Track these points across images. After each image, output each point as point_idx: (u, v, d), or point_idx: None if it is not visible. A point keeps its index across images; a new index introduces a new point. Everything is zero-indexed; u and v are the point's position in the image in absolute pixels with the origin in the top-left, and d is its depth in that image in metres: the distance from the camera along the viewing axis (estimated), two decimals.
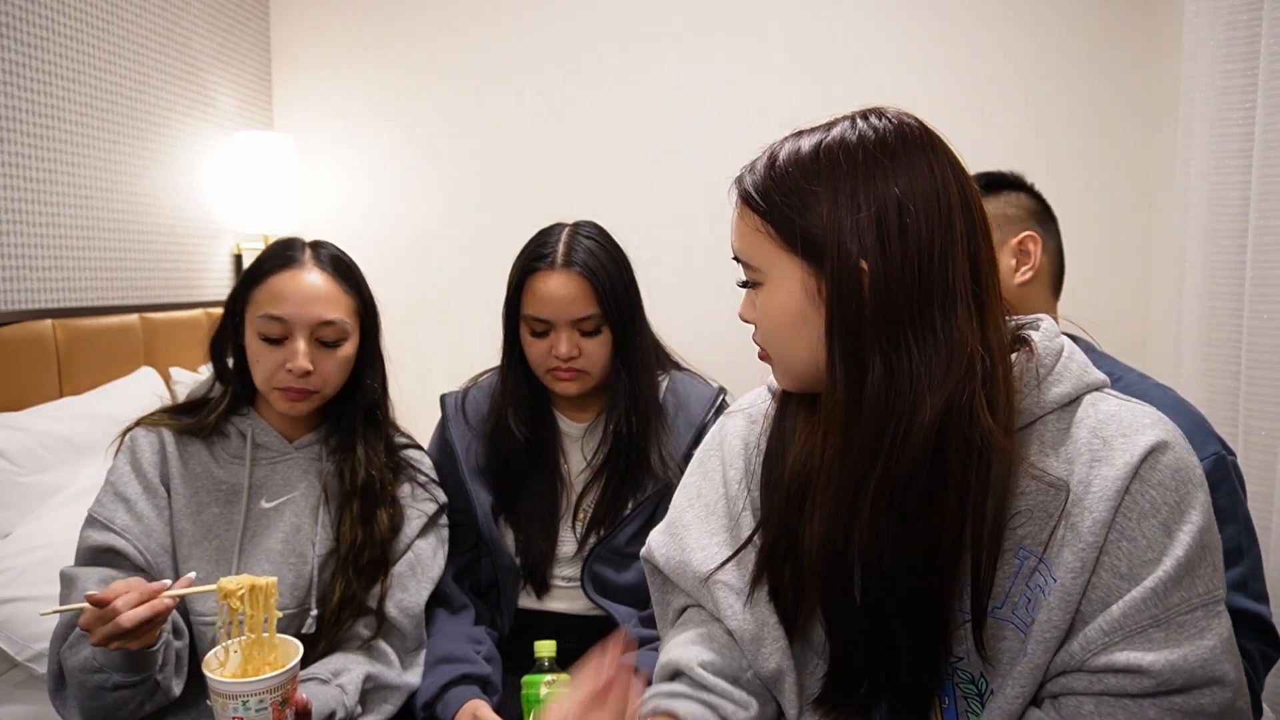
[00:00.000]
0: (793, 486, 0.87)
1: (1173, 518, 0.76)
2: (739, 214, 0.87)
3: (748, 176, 0.87)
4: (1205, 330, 1.76)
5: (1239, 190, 1.69)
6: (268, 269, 1.26)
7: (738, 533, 0.94)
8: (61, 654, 1.11)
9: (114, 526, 1.18)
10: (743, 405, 1.03)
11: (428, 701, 1.30)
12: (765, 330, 0.87)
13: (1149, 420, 0.79)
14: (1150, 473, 0.76)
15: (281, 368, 1.22)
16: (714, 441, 1.03)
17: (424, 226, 2.90)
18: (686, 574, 0.96)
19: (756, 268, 0.86)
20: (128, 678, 1.07)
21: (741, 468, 0.97)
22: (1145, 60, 2.44)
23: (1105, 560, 0.76)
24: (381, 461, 1.33)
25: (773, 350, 0.88)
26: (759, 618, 0.90)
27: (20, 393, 1.79)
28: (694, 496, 1.00)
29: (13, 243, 1.90)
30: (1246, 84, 1.67)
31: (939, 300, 0.77)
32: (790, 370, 0.87)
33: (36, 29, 1.96)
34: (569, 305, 1.38)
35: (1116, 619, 0.75)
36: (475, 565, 1.52)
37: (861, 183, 0.79)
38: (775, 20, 2.65)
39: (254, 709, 0.99)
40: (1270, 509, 1.60)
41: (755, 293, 0.88)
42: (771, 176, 0.85)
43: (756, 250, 0.85)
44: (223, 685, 0.99)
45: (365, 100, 2.89)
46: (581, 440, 1.50)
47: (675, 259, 2.63)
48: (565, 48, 2.78)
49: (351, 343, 1.29)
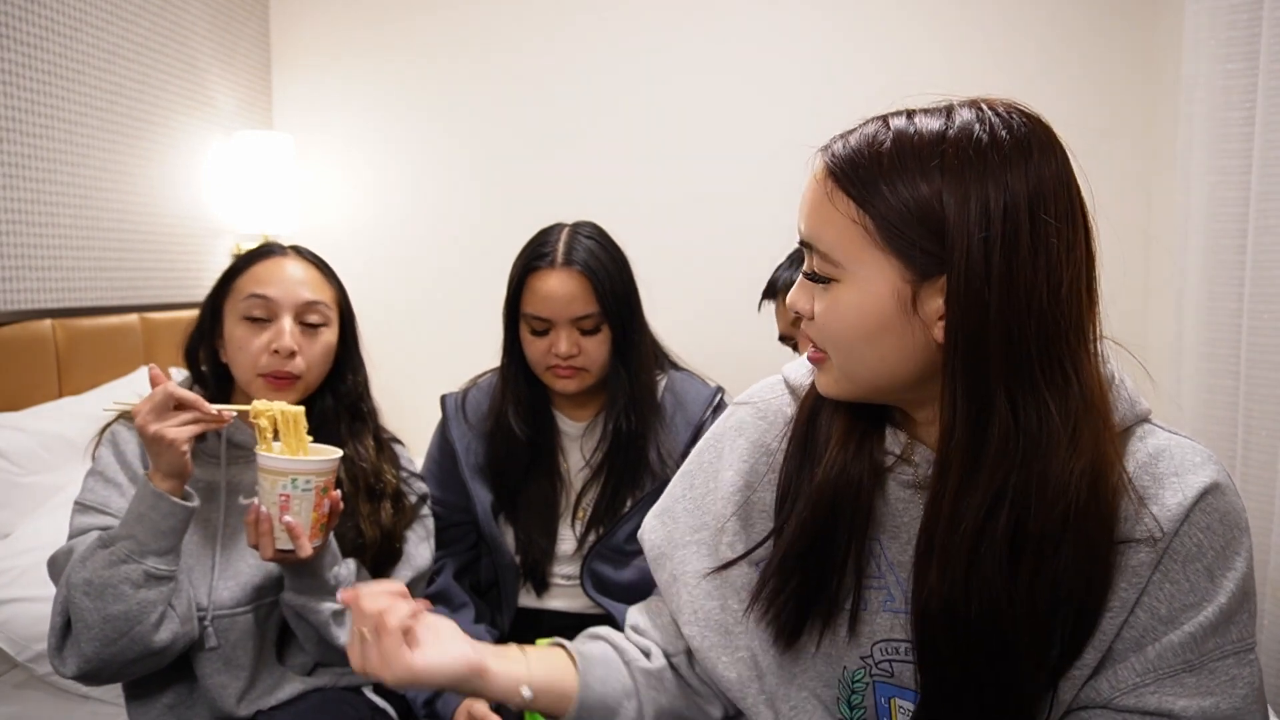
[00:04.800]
0: (821, 503, 0.81)
1: (1218, 563, 0.73)
2: (824, 193, 0.74)
3: (841, 150, 0.74)
4: (1205, 330, 1.76)
5: (1239, 190, 1.69)
6: (249, 261, 1.29)
7: (718, 536, 0.90)
8: (70, 569, 1.09)
9: (108, 510, 1.17)
10: (753, 397, 0.95)
11: (428, 698, 1.31)
12: (832, 331, 0.76)
13: (1200, 459, 0.76)
14: (1200, 515, 0.73)
15: (267, 350, 1.23)
16: (718, 432, 0.96)
17: (423, 226, 2.90)
18: (664, 570, 0.93)
19: (838, 262, 0.74)
20: (159, 563, 1.07)
21: (743, 470, 0.90)
22: (1145, 60, 2.44)
23: (1145, 601, 0.73)
24: (374, 455, 1.34)
25: (835, 352, 0.77)
26: (740, 624, 0.87)
27: (20, 393, 1.80)
28: (687, 488, 0.95)
29: (13, 243, 1.90)
30: (1246, 84, 1.67)
31: (1069, 334, 0.70)
32: (852, 376, 0.77)
33: (36, 29, 1.96)
34: (569, 304, 1.39)
35: (1151, 661, 0.73)
36: (475, 564, 1.52)
37: (994, 189, 0.68)
38: (775, 22, 2.65)
39: (300, 488, 1.07)
40: (1271, 510, 1.60)
41: (825, 287, 0.76)
42: (879, 162, 0.72)
43: (842, 242, 0.74)
44: (275, 462, 1.07)
45: (364, 100, 2.89)
46: (581, 439, 1.51)
47: (675, 259, 2.63)
48: (564, 48, 2.78)
49: (332, 330, 1.30)
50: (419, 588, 1.41)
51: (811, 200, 0.76)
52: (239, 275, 1.27)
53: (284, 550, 1.09)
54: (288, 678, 1.24)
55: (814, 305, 0.77)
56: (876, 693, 0.84)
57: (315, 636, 1.20)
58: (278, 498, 1.07)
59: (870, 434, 0.83)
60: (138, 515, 1.07)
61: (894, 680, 0.84)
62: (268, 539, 1.08)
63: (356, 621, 0.78)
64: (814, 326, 0.78)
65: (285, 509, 1.07)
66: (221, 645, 1.18)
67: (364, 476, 1.31)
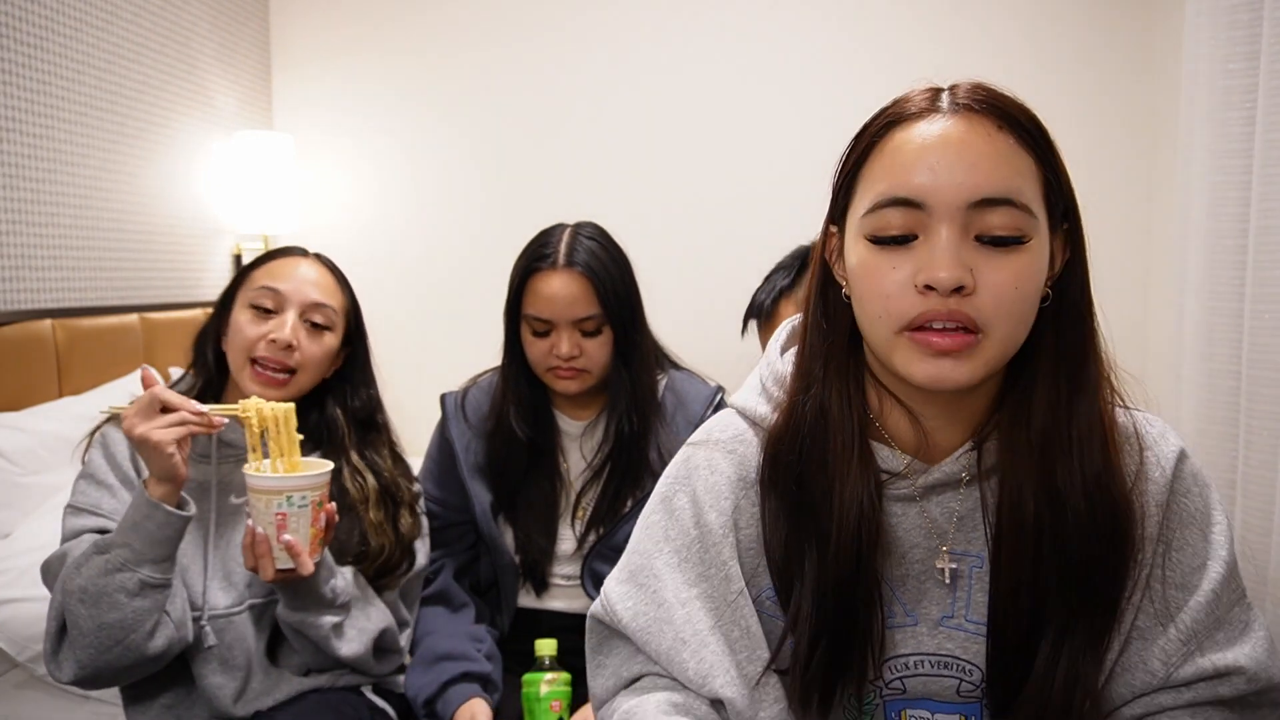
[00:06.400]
0: (843, 534, 0.77)
1: (1205, 522, 0.78)
2: (1008, 145, 0.71)
3: (1002, 104, 0.72)
4: (1205, 330, 1.76)
5: (1239, 190, 1.69)
6: (269, 256, 1.32)
7: (724, 585, 0.81)
8: (65, 575, 1.09)
9: (100, 511, 1.17)
10: (711, 437, 0.88)
11: (428, 699, 1.31)
12: (1010, 300, 0.70)
13: (1159, 429, 0.80)
14: (1180, 484, 0.78)
15: (265, 338, 1.23)
16: (679, 475, 0.87)
17: (424, 226, 2.90)
18: (664, 635, 0.80)
19: (1037, 215, 0.71)
20: (154, 572, 1.06)
21: (727, 509, 0.83)
22: (1145, 60, 2.44)
23: (1156, 574, 0.77)
24: (390, 465, 1.35)
25: (1004, 325, 0.70)
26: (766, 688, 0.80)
27: (20, 393, 1.79)
28: (660, 539, 0.84)
29: (13, 243, 1.90)
30: (1247, 84, 1.67)
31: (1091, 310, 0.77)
32: (1005, 355, 0.73)
33: (36, 29, 1.96)
34: (570, 305, 1.39)
35: (1189, 628, 0.76)
36: (474, 564, 1.52)
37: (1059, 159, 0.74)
38: (775, 22, 2.64)
39: (297, 504, 1.06)
40: (1271, 509, 1.59)
41: (1007, 251, 0.70)
42: (1030, 117, 0.73)
43: (1035, 195, 0.71)
44: (269, 481, 1.05)
45: (365, 99, 2.89)
46: (581, 439, 1.51)
47: (676, 259, 2.63)
48: (565, 49, 2.78)
49: (335, 336, 1.31)
50: (417, 586, 1.41)
51: (994, 153, 0.70)
52: (256, 268, 1.30)
53: (284, 569, 1.08)
54: (285, 678, 1.24)
55: (986, 274, 0.69)
56: (887, 710, 0.84)
57: (313, 648, 1.20)
58: (274, 517, 1.05)
59: (865, 458, 0.79)
60: (133, 524, 1.07)
61: (906, 695, 0.83)
62: (267, 560, 1.08)
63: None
64: (981, 300, 0.69)
65: (283, 528, 1.06)
66: (217, 645, 1.18)
67: (384, 487, 1.31)
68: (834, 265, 0.82)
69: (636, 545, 0.87)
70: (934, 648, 0.82)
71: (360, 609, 1.24)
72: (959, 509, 0.81)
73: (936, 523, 0.81)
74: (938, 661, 0.82)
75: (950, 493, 0.81)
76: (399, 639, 1.32)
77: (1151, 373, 2.40)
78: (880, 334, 0.74)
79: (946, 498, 0.81)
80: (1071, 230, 0.76)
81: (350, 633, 1.21)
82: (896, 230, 0.72)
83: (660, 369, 1.53)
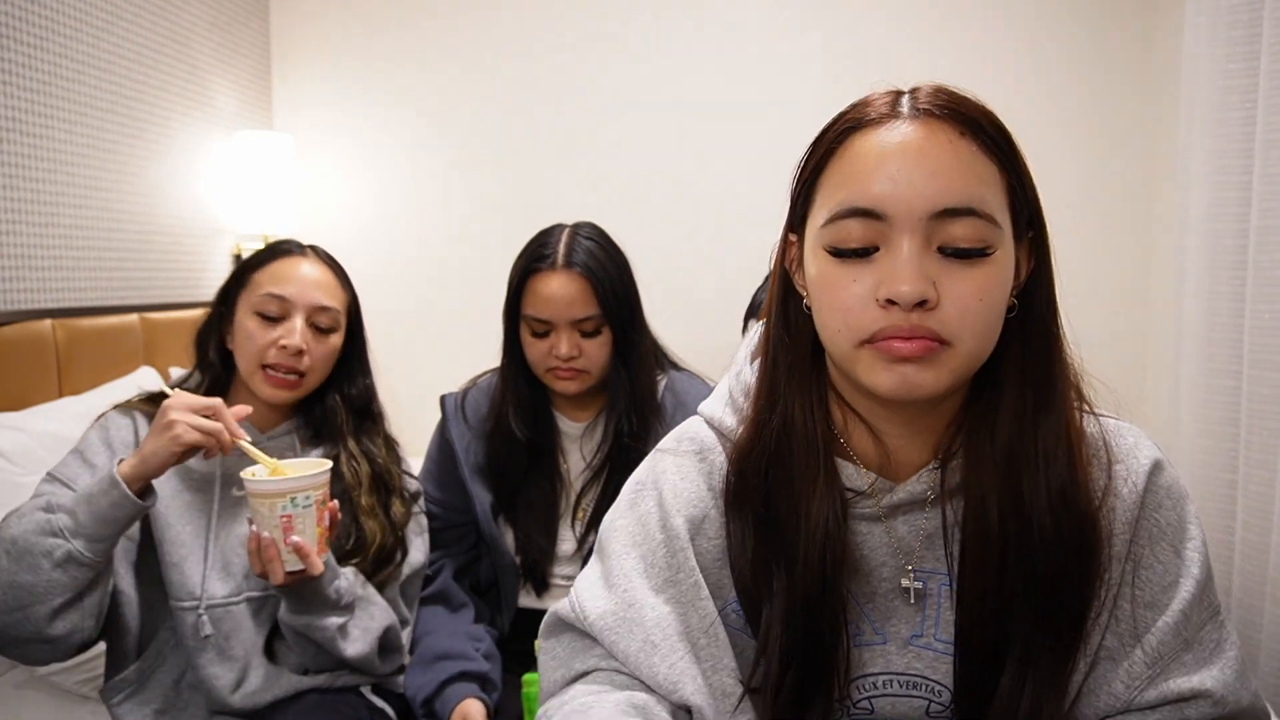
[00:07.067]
0: (810, 554, 0.75)
1: (1178, 537, 0.74)
2: (970, 152, 0.68)
3: (965, 110, 0.69)
4: (1205, 330, 1.76)
5: (1239, 190, 1.69)
6: (269, 256, 1.31)
7: (692, 591, 0.79)
8: (5, 521, 1.07)
9: (74, 486, 1.16)
10: (682, 441, 0.86)
11: (426, 698, 1.31)
12: (975, 311, 0.68)
13: (1133, 439, 0.77)
14: (1152, 497, 0.75)
15: (274, 345, 1.24)
16: (645, 479, 0.85)
17: (423, 227, 2.90)
18: (634, 637, 0.77)
19: (1001, 225, 0.68)
20: (86, 549, 1.04)
21: (695, 516, 0.81)
22: (1145, 60, 2.44)
23: (1125, 592, 0.74)
24: (385, 453, 1.36)
25: (970, 337, 0.68)
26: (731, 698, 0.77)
27: (20, 393, 1.79)
28: (628, 543, 0.82)
29: (13, 243, 1.90)
30: (1247, 84, 1.67)
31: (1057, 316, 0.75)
32: (973, 365, 0.71)
33: (36, 29, 1.96)
34: (569, 306, 1.39)
35: (1155, 650, 0.73)
36: (474, 564, 1.53)
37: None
38: (778, 23, 2.65)
39: (301, 505, 1.05)
40: (1271, 509, 1.59)
41: (971, 262, 0.68)
42: (993, 121, 0.70)
43: (999, 204, 0.69)
44: (272, 484, 1.04)
45: (365, 100, 2.89)
46: (580, 440, 1.51)
47: (676, 259, 2.63)
48: (565, 49, 2.78)
49: (340, 335, 1.33)
50: (416, 584, 1.41)
51: (956, 161, 0.68)
52: (257, 269, 1.30)
53: (294, 571, 1.08)
54: (284, 674, 1.24)
55: (949, 287, 0.67)
56: None
57: (315, 650, 1.20)
58: (279, 520, 1.05)
59: (830, 476, 0.77)
60: (88, 495, 1.06)
61: (874, 715, 0.81)
62: (276, 564, 1.08)
63: None
64: (945, 313, 0.67)
65: (289, 529, 1.06)
66: (214, 635, 1.18)
67: (377, 474, 1.33)
68: (794, 275, 0.79)
69: (607, 545, 0.84)
70: (903, 667, 0.80)
71: (363, 608, 1.24)
72: (926, 527, 0.79)
73: (903, 541, 0.79)
74: (906, 681, 0.80)
75: (916, 512, 0.79)
76: (400, 637, 1.32)
77: (1151, 372, 2.40)
78: (841, 347, 0.72)
79: (913, 516, 0.79)
80: (1036, 238, 0.73)
81: (355, 633, 1.22)
82: (856, 242, 0.69)
83: (660, 369, 1.53)
